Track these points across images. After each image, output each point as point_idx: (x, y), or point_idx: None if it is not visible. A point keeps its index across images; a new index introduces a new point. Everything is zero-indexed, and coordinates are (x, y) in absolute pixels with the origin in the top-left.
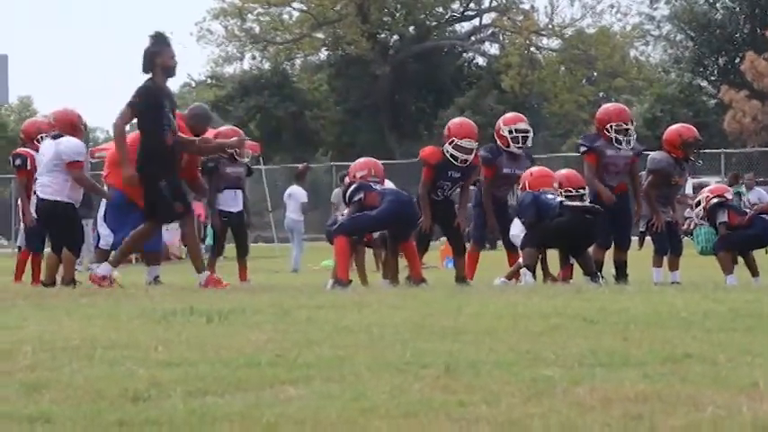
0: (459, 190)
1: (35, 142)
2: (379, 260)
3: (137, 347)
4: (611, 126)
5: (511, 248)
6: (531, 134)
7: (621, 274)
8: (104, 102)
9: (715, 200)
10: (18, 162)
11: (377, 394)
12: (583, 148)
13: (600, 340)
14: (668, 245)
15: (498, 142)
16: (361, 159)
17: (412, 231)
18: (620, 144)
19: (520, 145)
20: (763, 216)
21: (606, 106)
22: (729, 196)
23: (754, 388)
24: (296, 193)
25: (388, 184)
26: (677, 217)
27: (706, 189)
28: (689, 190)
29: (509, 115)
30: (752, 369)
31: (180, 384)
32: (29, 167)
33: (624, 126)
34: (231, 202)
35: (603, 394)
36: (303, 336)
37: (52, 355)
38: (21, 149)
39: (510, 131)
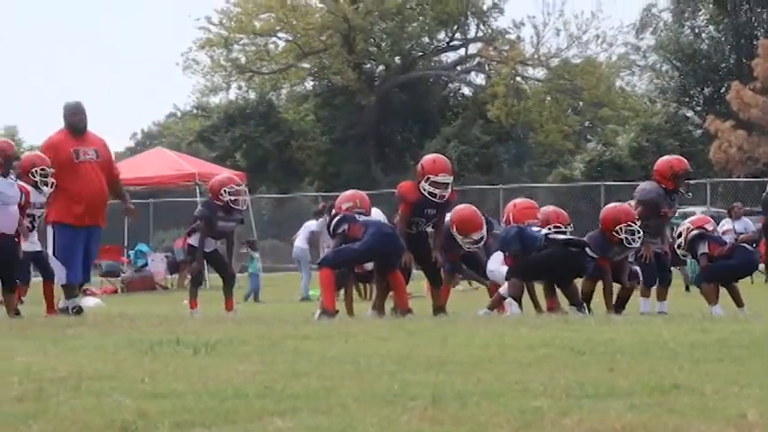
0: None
1: (30, 176)
2: (364, 290)
3: (123, 378)
4: (620, 228)
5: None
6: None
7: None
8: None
9: (695, 231)
10: None
11: (364, 426)
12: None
13: (587, 371)
14: (657, 276)
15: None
16: (347, 192)
17: (397, 262)
18: (631, 244)
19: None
20: (743, 246)
21: (611, 207)
22: (710, 227)
23: (741, 419)
24: (308, 223)
25: (376, 212)
26: (666, 248)
27: (686, 221)
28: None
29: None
30: (739, 400)
31: (167, 416)
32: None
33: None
34: (208, 244)
35: (591, 425)
36: (290, 367)
37: (39, 386)
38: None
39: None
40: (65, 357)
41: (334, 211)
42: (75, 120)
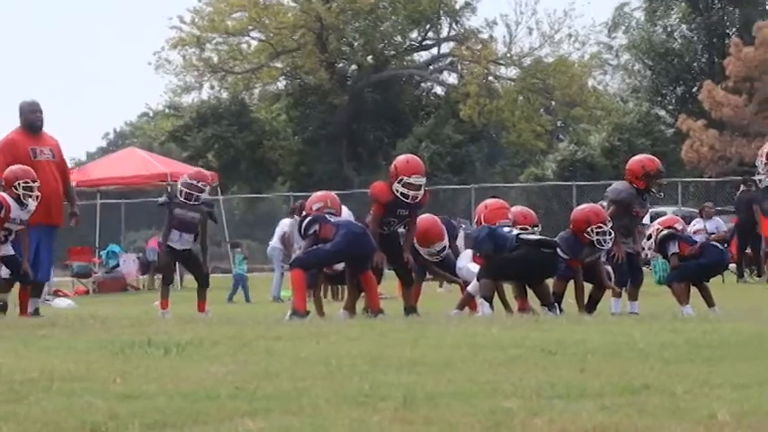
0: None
1: (13, 189)
2: (336, 290)
3: (95, 380)
4: (591, 229)
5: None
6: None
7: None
8: (61, 132)
9: (665, 232)
10: None
11: (335, 427)
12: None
13: (558, 371)
14: (628, 276)
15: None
16: (318, 192)
17: (369, 262)
18: (602, 245)
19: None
20: (714, 245)
21: (582, 208)
22: (679, 227)
23: (711, 419)
24: (283, 224)
25: (346, 212)
26: (638, 248)
27: (656, 221)
28: (646, 220)
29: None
30: (710, 400)
31: (138, 417)
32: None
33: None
34: (175, 240)
35: (562, 426)
36: (262, 368)
37: (9, 388)
38: None
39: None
40: (36, 358)
41: (304, 213)
42: (33, 117)
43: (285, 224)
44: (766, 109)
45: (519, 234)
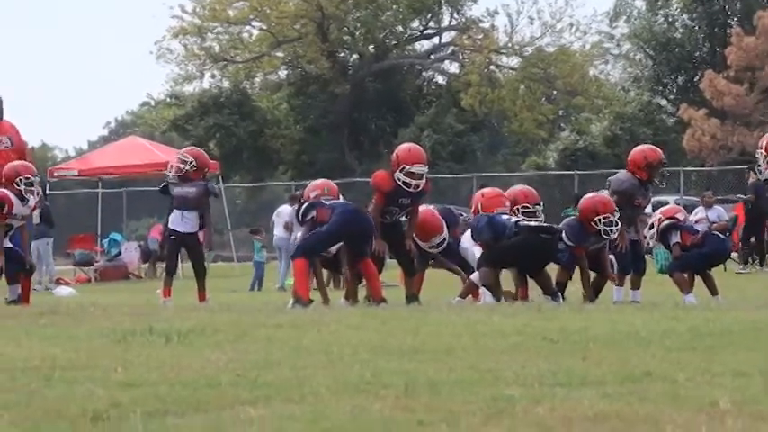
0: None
1: (15, 186)
2: (336, 279)
3: (96, 368)
4: (598, 219)
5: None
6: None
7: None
8: (63, 121)
9: (666, 222)
10: None
11: (337, 414)
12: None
13: (560, 359)
14: (631, 265)
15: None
16: (316, 180)
17: (367, 245)
18: (608, 236)
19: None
20: (715, 234)
21: (590, 197)
22: (681, 217)
23: (713, 407)
24: (283, 212)
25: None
26: (640, 237)
27: (658, 211)
28: (648, 209)
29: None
30: (711, 388)
31: (140, 405)
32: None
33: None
34: (177, 222)
35: (563, 413)
36: (263, 356)
37: (11, 376)
38: None
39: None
40: (38, 347)
41: (303, 200)
42: None
43: (286, 213)
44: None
45: (518, 221)
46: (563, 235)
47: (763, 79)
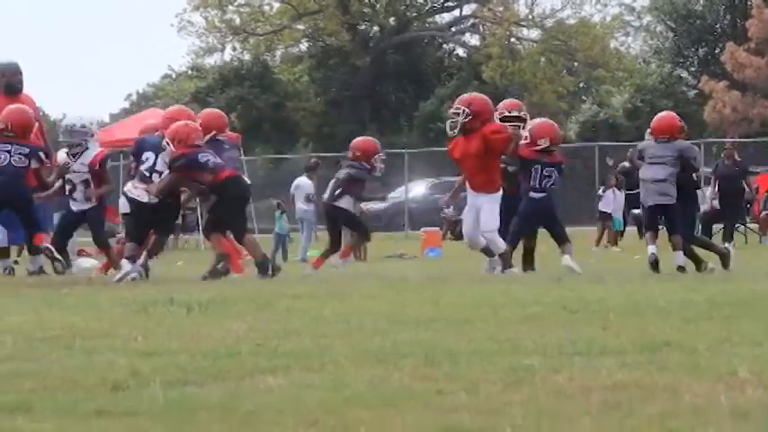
0: None
1: None
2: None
3: (116, 337)
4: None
5: None
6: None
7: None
8: (84, 94)
9: None
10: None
11: (357, 384)
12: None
13: (579, 329)
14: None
15: None
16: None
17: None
18: None
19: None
20: None
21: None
22: None
23: (732, 376)
24: (303, 185)
25: (303, 181)
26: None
27: None
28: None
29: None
30: (730, 357)
31: (159, 374)
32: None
33: None
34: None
35: (582, 383)
36: (283, 326)
37: (31, 345)
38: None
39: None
40: (58, 316)
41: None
42: (15, 80)
43: (305, 185)
44: None
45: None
46: None
47: None
